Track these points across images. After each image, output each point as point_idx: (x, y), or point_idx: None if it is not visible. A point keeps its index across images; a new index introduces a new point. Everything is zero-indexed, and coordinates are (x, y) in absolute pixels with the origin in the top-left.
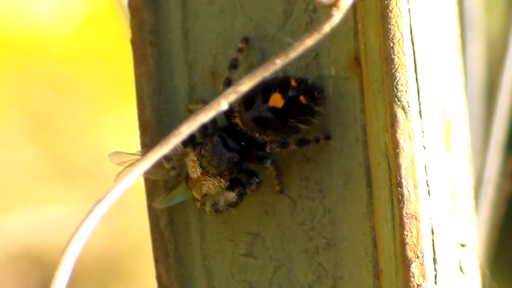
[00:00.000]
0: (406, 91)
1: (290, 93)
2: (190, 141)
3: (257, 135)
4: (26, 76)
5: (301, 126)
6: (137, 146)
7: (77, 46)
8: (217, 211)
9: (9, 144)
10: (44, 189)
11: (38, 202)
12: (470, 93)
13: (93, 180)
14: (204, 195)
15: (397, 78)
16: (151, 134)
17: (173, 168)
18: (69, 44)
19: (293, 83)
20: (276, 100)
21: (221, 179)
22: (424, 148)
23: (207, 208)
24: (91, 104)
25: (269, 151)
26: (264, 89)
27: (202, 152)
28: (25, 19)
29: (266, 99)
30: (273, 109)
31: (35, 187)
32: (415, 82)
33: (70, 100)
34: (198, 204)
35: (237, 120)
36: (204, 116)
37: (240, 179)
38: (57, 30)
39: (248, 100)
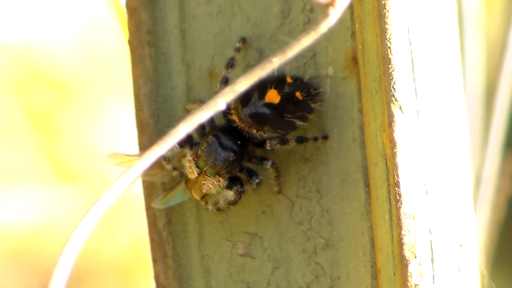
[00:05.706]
0: (403, 90)
1: (286, 89)
2: (188, 141)
3: (254, 131)
4: (27, 76)
5: (298, 122)
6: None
7: (78, 47)
8: (219, 209)
9: (9, 144)
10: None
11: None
12: (469, 93)
13: (94, 181)
14: (204, 195)
15: (395, 78)
16: (149, 134)
17: (174, 168)
18: (70, 45)
19: (289, 80)
20: (273, 96)
21: (220, 178)
22: (422, 147)
23: (210, 207)
24: (92, 104)
25: (269, 148)
26: (261, 86)
27: (199, 152)
28: (27, 22)
29: (262, 95)
30: (270, 105)
31: (35, 187)
32: (413, 82)
33: (71, 100)
34: (203, 203)
35: (234, 117)
36: (202, 115)
37: (238, 177)
38: (58, 30)
39: (244, 97)
